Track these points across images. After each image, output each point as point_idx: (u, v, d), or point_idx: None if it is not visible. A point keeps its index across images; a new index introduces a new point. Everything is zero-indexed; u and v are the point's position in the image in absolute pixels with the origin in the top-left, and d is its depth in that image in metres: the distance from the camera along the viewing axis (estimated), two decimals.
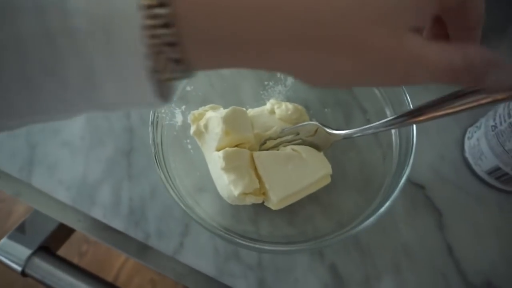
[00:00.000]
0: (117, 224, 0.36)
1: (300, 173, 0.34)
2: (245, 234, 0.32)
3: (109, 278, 1.09)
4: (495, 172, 0.35)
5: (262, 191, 0.34)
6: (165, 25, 0.14)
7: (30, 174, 0.38)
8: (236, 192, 0.32)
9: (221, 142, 0.33)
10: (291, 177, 0.34)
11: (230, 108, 0.34)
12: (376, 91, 0.36)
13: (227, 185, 0.32)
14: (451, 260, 0.35)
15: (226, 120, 0.33)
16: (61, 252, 0.50)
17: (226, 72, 0.40)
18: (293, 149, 0.35)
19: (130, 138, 0.40)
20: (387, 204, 0.29)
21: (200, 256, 0.35)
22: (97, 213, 0.37)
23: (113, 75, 0.15)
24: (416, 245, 0.35)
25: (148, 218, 0.36)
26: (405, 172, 0.29)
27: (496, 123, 0.33)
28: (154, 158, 0.30)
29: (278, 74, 0.40)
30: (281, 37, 0.15)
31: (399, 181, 0.29)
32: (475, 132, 0.37)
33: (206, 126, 0.34)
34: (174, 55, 0.15)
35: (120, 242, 0.41)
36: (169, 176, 0.31)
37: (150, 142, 0.31)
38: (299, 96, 0.40)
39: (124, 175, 0.38)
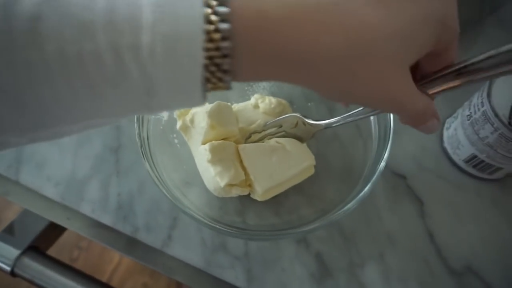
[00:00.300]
0: (106, 219, 0.37)
1: (284, 165, 0.35)
2: (232, 225, 0.33)
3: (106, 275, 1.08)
4: (472, 160, 0.36)
5: (247, 182, 0.35)
6: (224, 39, 0.16)
7: (17, 171, 0.39)
8: (222, 183, 0.33)
9: (206, 136, 0.34)
10: (276, 168, 0.35)
11: (215, 102, 0.35)
12: None
13: (213, 177, 0.33)
14: (433, 246, 0.36)
15: (211, 114, 0.34)
16: (53, 253, 0.50)
17: None
18: (277, 142, 0.36)
19: (118, 135, 0.41)
20: (366, 188, 0.30)
21: (188, 248, 0.36)
22: (86, 209, 0.37)
23: (171, 84, 0.16)
24: (399, 233, 0.36)
25: (136, 213, 0.37)
26: (383, 157, 0.30)
27: (471, 112, 0.35)
28: (141, 152, 0.31)
29: None
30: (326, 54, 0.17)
31: (377, 167, 0.30)
32: (452, 122, 0.38)
33: (192, 121, 0.35)
34: (226, 67, 0.16)
35: (109, 239, 0.41)
36: (156, 170, 0.31)
37: (136, 137, 0.31)
38: (283, 91, 0.41)
39: (112, 171, 0.39)
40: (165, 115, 0.36)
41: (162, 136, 0.35)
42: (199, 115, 0.34)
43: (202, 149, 0.34)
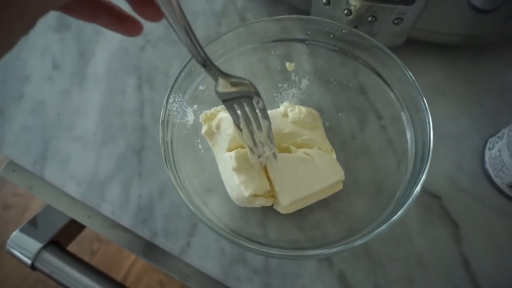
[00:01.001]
0: (125, 221, 0.36)
1: (311, 178, 0.33)
2: (252, 237, 0.32)
3: (118, 277, 1.09)
4: None
5: (271, 193, 0.33)
6: None
7: (42, 168, 0.39)
8: (246, 193, 0.31)
9: (232, 143, 0.33)
10: (302, 181, 0.33)
11: None
12: (392, 95, 0.35)
13: (237, 186, 0.32)
14: (467, 275, 0.33)
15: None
16: (72, 248, 0.50)
17: (240, 73, 0.40)
18: (305, 153, 0.34)
19: (142, 136, 0.40)
20: (400, 212, 0.27)
21: (206, 257, 0.34)
22: (106, 210, 0.37)
23: None
24: (430, 258, 0.34)
25: (156, 217, 0.36)
26: (420, 180, 0.28)
27: None
28: (164, 157, 0.30)
29: (293, 77, 0.39)
30: None
31: (414, 189, 0.28)
32: (496, 142, 0.35)
33: (218, 127, 0.34)
34: None
35: (127, 241, 0.41)
36: (178, 176, 0.30)
37: (160, 140, 0.31)
38: (313, 99, 0.40)
39: (134, 173, 0.38)
40: (190, 119, 0.35)
41: (186, 141, 0.35)
42: (226, 121, 0.33)
43: (227, 156, 0.33)
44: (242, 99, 0.29)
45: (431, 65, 0.44)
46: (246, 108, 0.29)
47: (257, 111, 0.30)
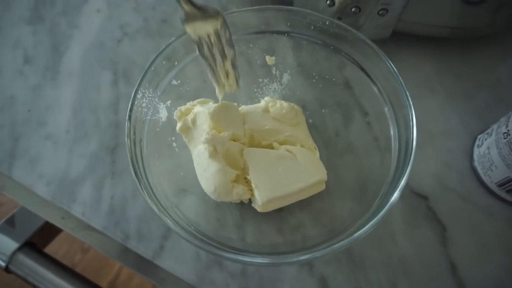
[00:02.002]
0: (96, 223, 0.35)
1: (291, 176, 0.31)
2: (228, 242, 0.30)
3: (111, 275, 1.08)
4: (506, 184, 0.32)
5: (250, 188, 0.32)
6: None
7: (11, 167, 0.37)
8: (224, 178, 0.30)
9: None
10: (281, 179, 0.31)
11: (219, 103, 0.32)
12: (376, 91, 0.34)
13: (214, 173, 0.30)
14: (455, 279, 0.32)
15: (214, 116, 0.31)
16: (63, 246, 0.49)
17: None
18: (287, 150, 0.33)
19: (116, 134, 0.38)
20: (382, 213, 0.26)
21: (181, 261, 0.33)
22: (77, 211, 0.35)
23: None
24: (415, 261, 0.32)
25: (128, 218, 0.34)
26: (403, 176, 0.26)
27: (509, 130, 0.30)
28: (129, 157, 0.28)
29: (273, 71, 0.38)
30: None
31: (396, 188, 0.26)
32: (485, 139, 0.34)
33: (193, 121, 0.32)
34: None
35: (103, 243, 0.39)
36: (146, 177, 0.29)
37: (126, 140, 0.29)
38: (295, 95, 0.38)
39: (107, 172, 0.37)
40: (163, 116, 0.33)
41: (158, 139, 0.33)
42: (202, 115, 0.32)
43: (202, 147, 0.31)
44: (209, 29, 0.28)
45: (419, 59, 0.42)
46: (212, 40, 0.29)
47: (223, 41, 0.29)
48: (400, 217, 0.34)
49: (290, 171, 0.31)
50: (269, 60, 0.36)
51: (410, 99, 0.29)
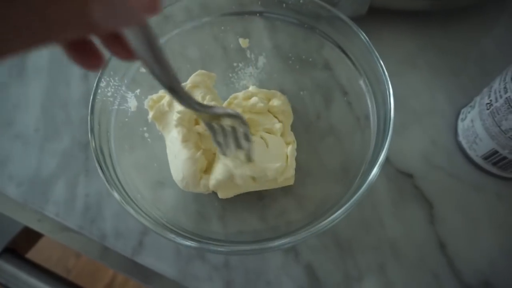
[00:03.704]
0: (72, 222, 0.33)
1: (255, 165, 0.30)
2: (210, 235, 0.29)
3: (108, 274, 1.06)
4: (492, 156, 0.31)
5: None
6: None
7: None
8: (193, 167, 0.29)
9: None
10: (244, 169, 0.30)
11: (197, 72, 0.31)
12: (354, 68, 0.32)
13: (184, 160, 0.29)
14: (444, 257, 0.31)
15: (192, 85, 0.31)
16: (58, 250, 0.47)
17: (191, 53, 0.36)
18: (261, 136, 0.31)
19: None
20: (361, 190, 0.25)
21: (161, 257, 0.31)
22: (50, 211, 0.34)
23: None
24: (403, 242, 0.31)
25: (105, 216, 0.33)
26: (381, 154, 0.25)
27: (491, 100, 0.29)
28: (94, 152, 0.26)
29: (248, 54, 0.36)
30: None
31: (375, 164, 0.25)
32: (468, 112, 0.33)
33: (170, 104, 0.31)
34: None
35: (82, 244, 0.38)
36: (116, 174, 0.27)
37: (89, 133, 0.27)
38: (272, 78, 0.37)
39: (80, 170, 0.35)
40: (132, 105, 0.32)
41: (127, 129, 0.31)
42: None
43: (175, 131, 0.29)
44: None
45: (399, 35, 0.41)
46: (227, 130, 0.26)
47: (238, 134, 0.27)
48: (386, 198, 0.33)
49: (255, 160, 0.30)
50: (243, 42, 0.35)
51: (386, 71, 0.28)
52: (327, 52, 0.35)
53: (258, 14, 0.34)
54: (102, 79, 0.28)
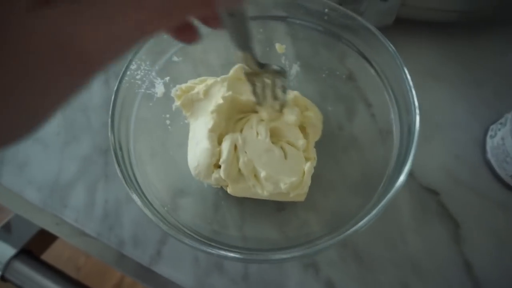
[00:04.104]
0: (90, 228, 0.33)
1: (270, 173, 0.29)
2: (228, 241, 0.28)
3: (117, 275, 1.06)
4: None
5: None
6: None
7: None
8: (209, 160, 0.29)
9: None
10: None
11: (237, 66, 0.32)
12: (379, 80, 0.32)
13: (203, 150, 0.29)
14: (470, 279, 0.30)
15: (231, 80, 0.31)
16: (67, 249, 0.47)
17: (213, 56, 0.36)
18: (282, 147, 0.31)
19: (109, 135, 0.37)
20: (385, 201, 0.24)
21: (179, 267, 0.31)
22: (69, 217, 0.34)
23: None
24: (427, 261, 0.30)
25: (123, 223, 0.33)
26: (406, 163, 0.25)
27: None
28: (114, 154, 0.26)
29: (283, 60, 0.36)
30: None
31: (399, 175, 0.24)
32: (499, 129, 0.32)
33: (206, 92, 0.31)
34: None
35: (99, 249, 0.38)
36: (136, 180, 0.27)
37: (109, 120, 0.27)
38: (299, 86, 0.36)
39: (100, 175, 0.35)
40: (159, 92, 0.32)
41: (151, 114, 0.32)
42: (217, 85, 0.31)
43: (206, 118, 0.30)
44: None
45: (424, 46, 0.40)
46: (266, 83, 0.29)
47: (278, 87, 0.29)
48: (409, 213, 0.32)
49: (270, 167, 0.29)
50: (279, 48, 0.35)
51: (410, 80, 0.27)
52: (351, 62, 0.34)
53: (286, 20, 0.34)
54: (133, 61, 0.29)
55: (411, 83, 0.27)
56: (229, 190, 0.30)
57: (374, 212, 0.24)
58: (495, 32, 0.40)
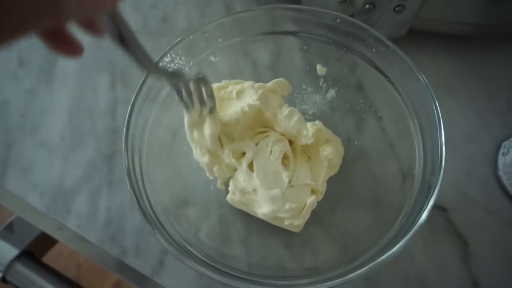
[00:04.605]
0: (92, 236, 0.33)
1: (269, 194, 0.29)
2: (231, 262, 0.28)
3: (116, 276, 1.06)
4: None
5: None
6: None
7: (3, 176, 0.35)
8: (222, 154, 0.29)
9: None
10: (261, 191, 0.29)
11: (279, 79, 0.32)
12: (395, 93, 0.31)
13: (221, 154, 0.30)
14: None
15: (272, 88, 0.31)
16: (66, 250, 0.47)
17: (223, 70, 0.35)
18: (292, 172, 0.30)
19: (114, 140, 0.36)
20: (408, 236, 0.23)
21: (182, 278, 0.31)
22: (72, 223, 0.33)
23: None
24: (434, 279, 0.30)
25: (126, 232, 0.32)
26: (431, 196, 0.24)
27: None
28: (126, 162, 0.26)
29: (321, 83, 0.35)
30: None
31: (423, 210, 0.24)
32: (511, 147, 0.31)
33: (239, 93, 0.31)
34: None
35: (100, 256, 0.37)
36: (144, 188, 0.27)
37: (123, 143, 0.27)
38: (331, 112, 0.35)
39: (104, 182, 0.34)
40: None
41: (163, 143, 0.31)
42: (250, 90, 0.31)
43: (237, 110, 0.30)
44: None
45: (437, 58, 0.39)
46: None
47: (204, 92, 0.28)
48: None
49: (273, 189, 0.29)
50: (320, 70, 0.34)
51: (436, 101, 0.27)
52: (362, 73, 0.34)
53: (297, 35, 0.33)
54: (168, 54, 0.29)
55: (436, 101, 0.27)
56: (228, 197, 0.30)
57: (401, 243, 0.23)
58: (508, 46, 0.39)
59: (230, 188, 0.30)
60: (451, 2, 0.33)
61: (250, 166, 0.30)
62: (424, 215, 0.24)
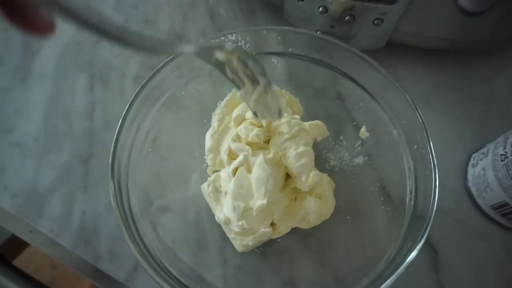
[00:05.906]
0: (65, 241, 0.32)
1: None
2: (207, 272, 0.28)
3: None
4: (501, 208, 0.30)
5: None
6: None
7: None
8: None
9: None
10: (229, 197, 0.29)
11: (317, 122, 0.32)
12: (373, 104, 0.32)
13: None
14: None
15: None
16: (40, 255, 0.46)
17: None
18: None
19: (91, 143, 0.36)
20: (394, 276, 0.25)
21: (156, 284, 0.30)
22: (44, 227, 0.32)
23: None
24: (403, 287, 0.30)
25: (100, 237, 0.32)
26: (423, 235, 0.26)
27: (506, 152, 0.28)
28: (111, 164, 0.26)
29: (356, 145, 0.34)
30: None
31: (413, 247, 0.25)
32: (480, 159, 0.32)
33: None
34: None
35: (74, 260, 0.36)
36: (120, 190, 0.26)
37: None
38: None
39: (79, 185, 0.34)
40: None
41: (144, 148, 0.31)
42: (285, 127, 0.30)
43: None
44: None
45: (414, 71, 0.40)
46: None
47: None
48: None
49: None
50: (362, 133, 0.33)
51: (412, 101, 0.28)
52: (341, 86, 0.34)
53: (280, 55, 0.34)
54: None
55: (412, 101, 0.28)
56: (202, 185, 0.31)
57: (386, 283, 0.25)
58: (484, 60, 0.41)
59: (210, 178, 0.31)
60: (429, 17, 0.34)
61: (236, 170, 0.30)
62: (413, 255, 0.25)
